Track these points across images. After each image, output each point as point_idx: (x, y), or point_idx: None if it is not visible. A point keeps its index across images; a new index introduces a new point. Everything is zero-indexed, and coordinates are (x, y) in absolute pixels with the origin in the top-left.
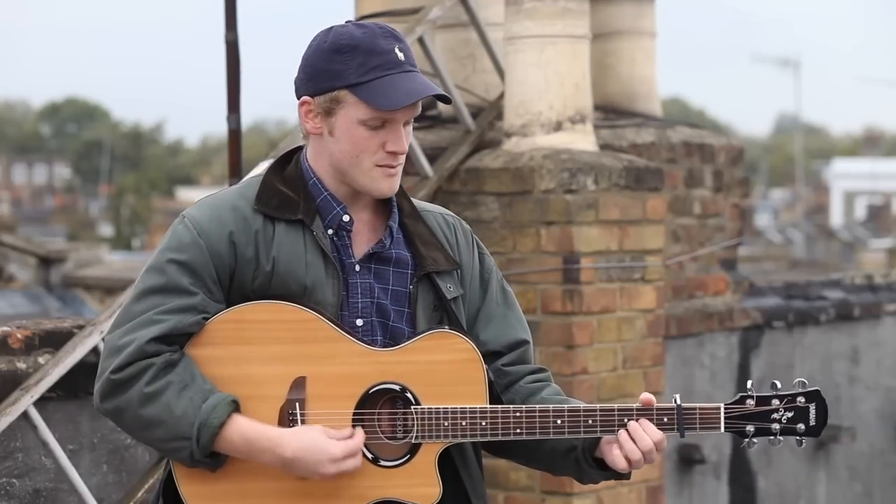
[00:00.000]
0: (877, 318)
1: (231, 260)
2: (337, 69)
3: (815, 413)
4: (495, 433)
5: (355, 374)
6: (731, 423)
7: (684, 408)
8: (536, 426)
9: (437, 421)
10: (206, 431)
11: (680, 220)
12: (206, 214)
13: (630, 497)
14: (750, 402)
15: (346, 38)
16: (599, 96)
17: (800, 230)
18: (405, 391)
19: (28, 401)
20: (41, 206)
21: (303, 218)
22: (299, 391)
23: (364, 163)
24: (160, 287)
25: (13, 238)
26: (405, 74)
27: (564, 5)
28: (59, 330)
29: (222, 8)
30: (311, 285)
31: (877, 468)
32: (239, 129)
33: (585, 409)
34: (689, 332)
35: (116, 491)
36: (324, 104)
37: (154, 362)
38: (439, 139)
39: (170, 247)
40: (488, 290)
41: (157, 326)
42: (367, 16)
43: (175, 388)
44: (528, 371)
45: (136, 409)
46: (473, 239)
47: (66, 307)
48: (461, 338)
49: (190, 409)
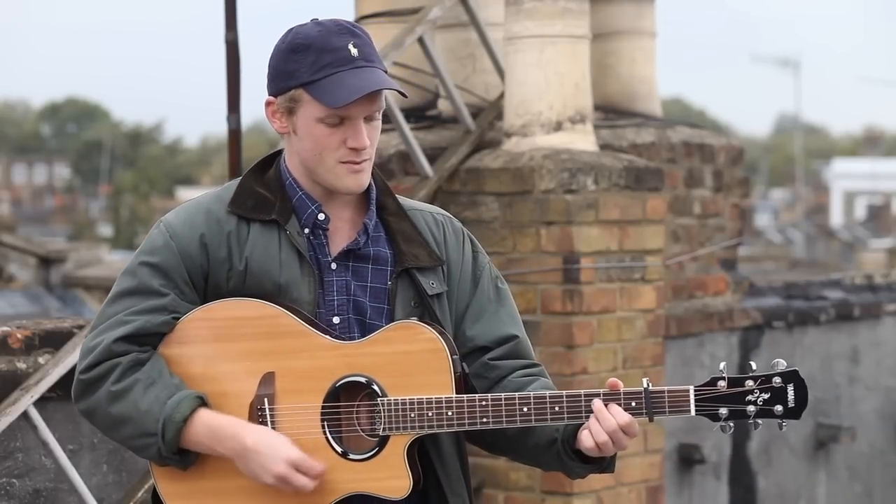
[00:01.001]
0: (877, 318)
1: (203, 261)
2: (292, 68)
3: (794, 394)
4: (462, 423)
5: (322, 368)
6: (702, 406)
7: (652, 391)
8: (503, 414)
9: (403, 412)
10: (170, 427)
11: (680, 220)
12: (180, 218)
13: (630, 497)
14: (721, 383)
15: (301, 37)
16: (599, 96)
17: (800, 230)
18: (371, 383)
19: (28, 401)
20: (41, 206)
21: (276, 218)
22: (268, 386)
23: (327, 160)
24: (132, 289)
25: (13, 238)
26: (355, 70)
27: (564, 5)
28: (59, 330)
29: (222, 8)
30: (284, 284)
31: (877, 468)
32: (239, 128)
33: (552, 395)
34: (689, 332)
35: (116, 491)
36: (284, 104)
37: (120, 361)
38: (439, 139)
39: (143, 250)
40: (479, 286)
41: (125, 327)
42: (367, 16)
43: (141, 385)
44: (519, 366)
45: (105, 408)
46: (465, 236)
47: (66, 307)
48: (425, 328)
49: (155, 405)
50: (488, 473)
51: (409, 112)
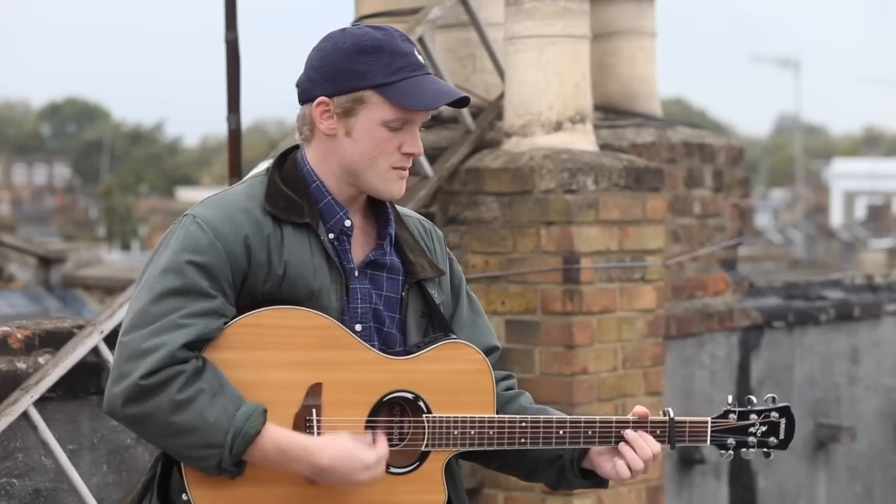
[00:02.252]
0: (877, 318)
1: (245, 263)
2: (361, 69)
3: (785, 427)
4: (501, 442)
5: (370, 382)
6: (715, 437)
7: (676, 421)
8: (540, 436)
9: (447, 429)
10: (241, 440)
11: (680, 220)
12: (218, 215)
13: (630, 497)
14: (732, 416)
15: (368, 38)
16: (599, 96)
17: (800, 230)
18: (418, 399)
19: (28, 401)
20: (41, 206)
21: (310, 221)
22: (315, 397)
23: (381, 164)
24: (179, 289)
25: (13, 238)
26: (428, 77)
27: (564, 5)
28: (59, 330)
29: (222, 8)
30: (318, 290)
31: (877, 468)
32: (239, 128)
33: (586, 420)
34: (689, 332)
35: (116, 491)
36: (344, 104)
37: (185, 369)
38: (439, 139)
39: (186, 248)
40: (460, 296)
41: (186, 331)
42: (367, 15)
43: (207, 395)
44: (500, 377)
45: (166, 416)
46: (445, 244)
47: (66, 307)
48: (473, 349)
49: (223, 417)
50: (488, 473)
51: None
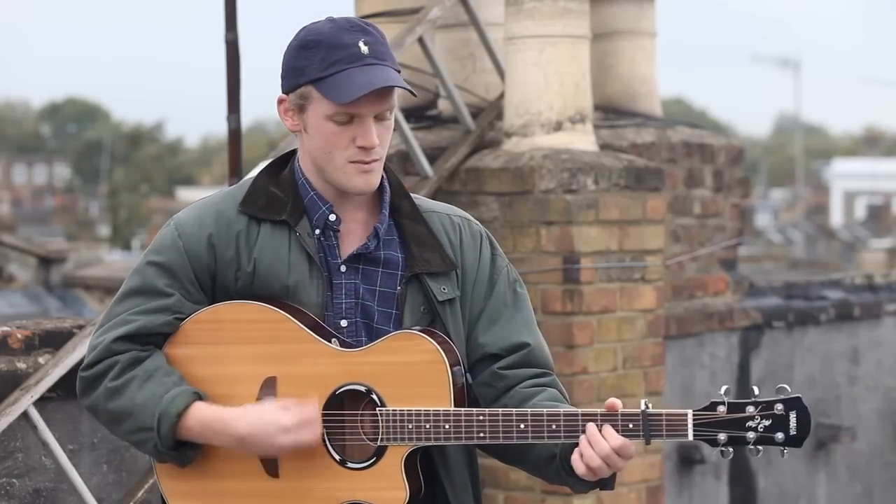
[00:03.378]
0: (877, 318)
1: (210, 261)
2: (302, 65)
3: (797, 421)
4: (458, 437)
5: (323, 375)
6: (700, 431)
7: (650, 414)
8: (500, 430)
9: (401, 423)
10: (165, 420)
11: (680, 220)
12: (189, 217)
13: (630, 497)
14: (721, 408)
15: (312, 34)
16: (599, 96)
17: (800, 230)
18: (371, 392)
19: (28, 401)
20: (41, 206)
21: (287, 218)
22: (270, 390)
23: (336, 159)
24: (138, 289)
25: (13, 238)
26: (364, 68)
27: (564, 5)
28: (59, 330)
29: (222, 8)
30: (293, 286)
31: (877, 468)
32: (239, 128)
33: (549, 413)
34: (689, 332)
35: (116, 491)
36: (295, 101)
37: (119, 359)
38: (439, 139)
39: (151, 249)
40: (494, 291)
41: (127, 326)
42: (367, 15)
43: (138, 381)
44: (529, 375)
45: (104, 404)
46: (484, 239)
47: (66, 307)
48: (426, 339)
49: (151, 400)
50: (488, 473)
51: (409, 112)
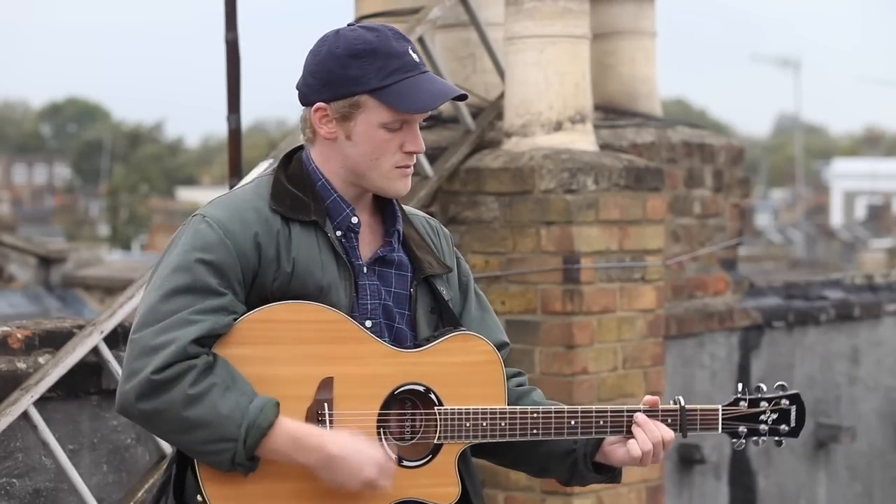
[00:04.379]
0: (877, 318)
1: (255, 261)
2: (355, 74)
3: (796, 415)
4: (513, 434)
5: (381, 375)
6: (726, 424)
7: (687, 409)
8: (552, 427)
9: (459, 422)
10: (254, 432)
11: (680, 220)
12: (227, 215)
13: (630, 497)
14: (743, 403)
15: (361, 42)
16: (599, 96)
17: (800, 230)
18: (429, 392)
19: (28, 401)
20: (41, 206)
21: (317, 219)
22: (327, 391)
23: (384, 165)
24: (188, 287)
25: (13, 238)
26: (424, 76)
27: (564, 5)
28: (59, 330)
29: (222, 8)
30: (326, 286)
31: (877, 468)
32: (239, 128)
33: (598, 409)
34: (689, 332)
35: (116, 491)
36: (341, 109)
37: (196, 364)
38: (439, 139)
39: (195, 246)
40: (467, 294)
41: (196, 327)
42: (367, 16)
43: (219, 389)
44: (510, 374)
45: (178, 411)
46: (452, 242)
47: (66, 307)
48: (482, 340)
49: (236, 410)
50: (488, 473)
51: None
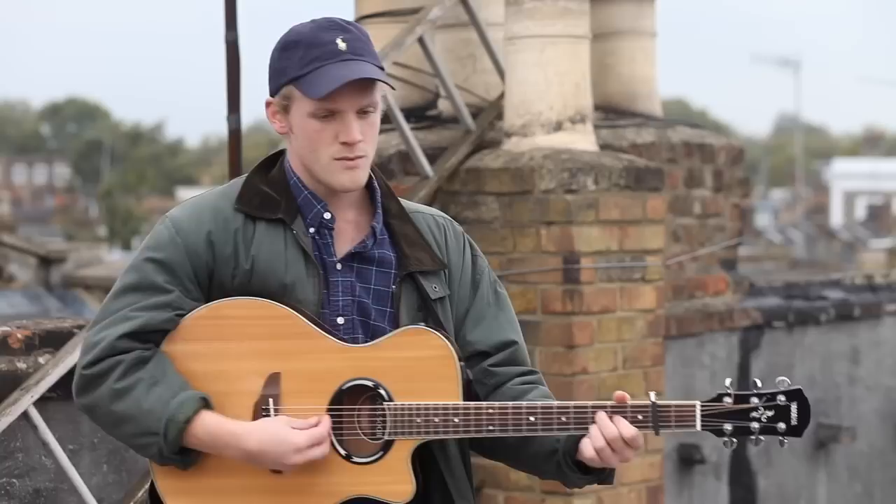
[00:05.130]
0: (877, 318)
1: (209, 258)
2: (283, 66)
3: (797, 412)
4: (467, 430)
5: (329, 370)
6: (707, 422)
7: (659, 405)
8: (509, 423)
9: (409, 418)
10: (172, 427)
11: (680, 220)
12: (186, 214)
13: (630, 497)
14: (728, 399)
15: (292, 34)
16: (599, 96)
17: (800, 230)
18: (378, 387)
19: (28, 401)
20: (41, 206)
21: (283, 217)
22: (273, 387)
23: (322, 157)
24: (136, 285)
25: (13, 238)
26: (341, 63)
27: (564, 5)
28: (59, 330)
29: (222, 8)
30: (290, 283)
31: (877, 468)
32: (239, 129)
33: (559, 406)
34: (689, 332)
35: (116, 491)
36: (280, 102)
37: (124, 359)
38: (439, 139)
39: (148, 246)
40: (478, 291)
41: (129, 323)
42: (367, 16)
43: (145, 384)
44: (518, 373)
45: (106, 405)
46: (465, 240)
47: (66, 307)
48: (435, 334)
49: (158, 404)
50: (488, 473)
51: (409, 112)
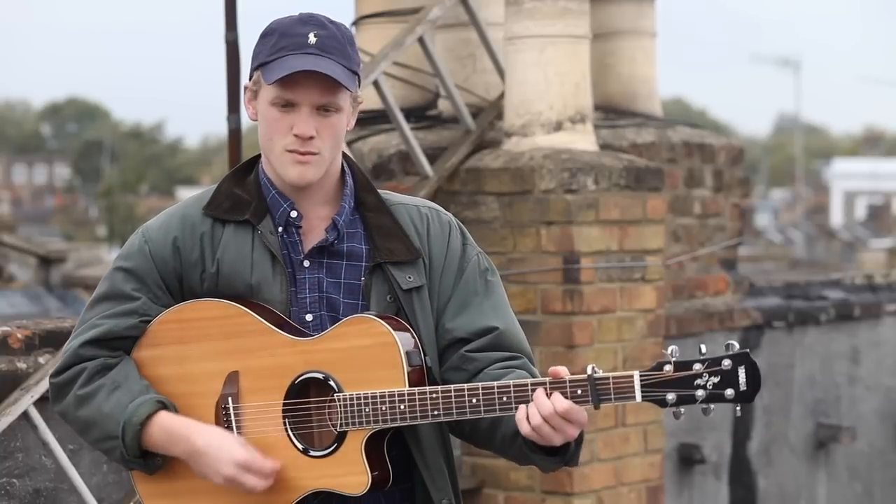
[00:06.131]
0: (877, 318)
1: (176, 264)
2: (257, 51)
3: (746, 376)
4: (414, 416)
5: (282, 365)
6: (648, 392)
7: (597, 378)
8: (453, 406)
9: (358, 407)
10: (129, 429)
11: (680, 220)
12: (157, 223)
13: (630, 497)
14: (668, 367)
15: (273, 24)
16: (599, 96)
17: (800, 230)
18: (328, 379)
19: (28, 401)
20: (41, 206)
21: (250, 218)
22: (232, 385)
23: (276, 146)
24: (106, 294)
25: (13, 238)
26: (304, 55)
27: (564, 5)
28: (59, 330)
29: (222, 8)
30: (256, 284)
31: (877, 468)
32: (239, 129)
33: (499, 385)
34: (689, 332)
35: (116, 491)
36: (251, 88)
37: (87, 366)
38: (439, 139)
39: (121, 255)
40: (463, 278)
41: (93, 331)
42: (367, 16)
43: (106, 389)
44: (498, 358)
45: (73, 412)
46: (454, 228)
47: (66, 307)
48: (378, 322)
49: (117, 409)
50: (488, 473)
51: (409, 112)
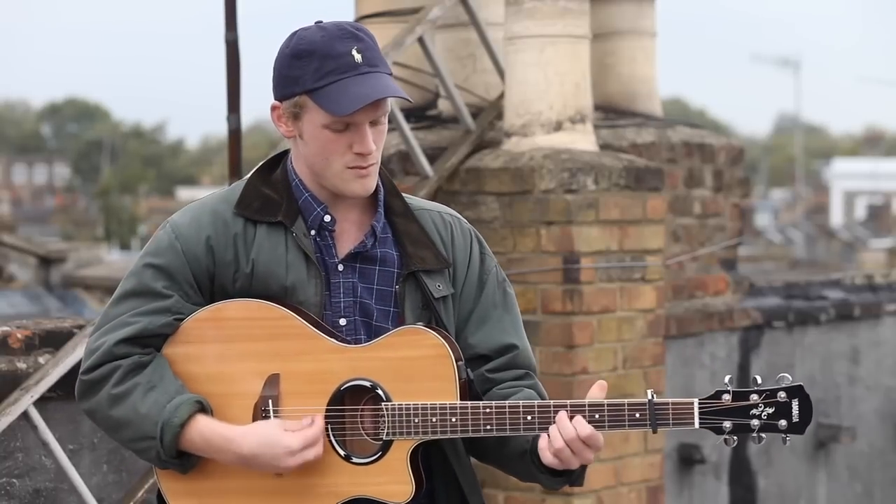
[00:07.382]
0: (877, 318)
1: (209, 263)
2: (296, 75)
3: (799, 409)
4: (465, 430)
5: (328, 371)
6: (706, 420)
7: (657, 403)
8: (507, 422)
9: (407, 418)
10: (168, 431)
11: (680, 220)
12: (186, 219)
13: (630, 497)
14: (726, 397)
15: (304, 42)
16: (599, 96)
17: (800, 230)
18: (376, 388)
19: (28, 401)
20: (41, 206)
21: (283, 220)
22: (273, 388)
23: (334, 165)
24: (134, 290)
25: (13, 238)
26: (359, 77)
27: (564, 5)
28: (59, 330)
29: (222, 8)
30: (291, 286)
31: (877, 468)
32: (239, 129)
33: (556, 404)
34: (689, 332)
35: (116, 491)
36: (290, 109)
37: (121, 364)
38: (439, 139)
39: (148, 251)
40: (484, 291)
41: (127, 328)
42: (367, 15)
43: (142, 388)
44: (511, 377)
45: (105, 411)
46: (473, 238)
47: (66, 307)
48: (432, 334)
49: (154, 409)
50: (488, 473)
51: (409, 112)
